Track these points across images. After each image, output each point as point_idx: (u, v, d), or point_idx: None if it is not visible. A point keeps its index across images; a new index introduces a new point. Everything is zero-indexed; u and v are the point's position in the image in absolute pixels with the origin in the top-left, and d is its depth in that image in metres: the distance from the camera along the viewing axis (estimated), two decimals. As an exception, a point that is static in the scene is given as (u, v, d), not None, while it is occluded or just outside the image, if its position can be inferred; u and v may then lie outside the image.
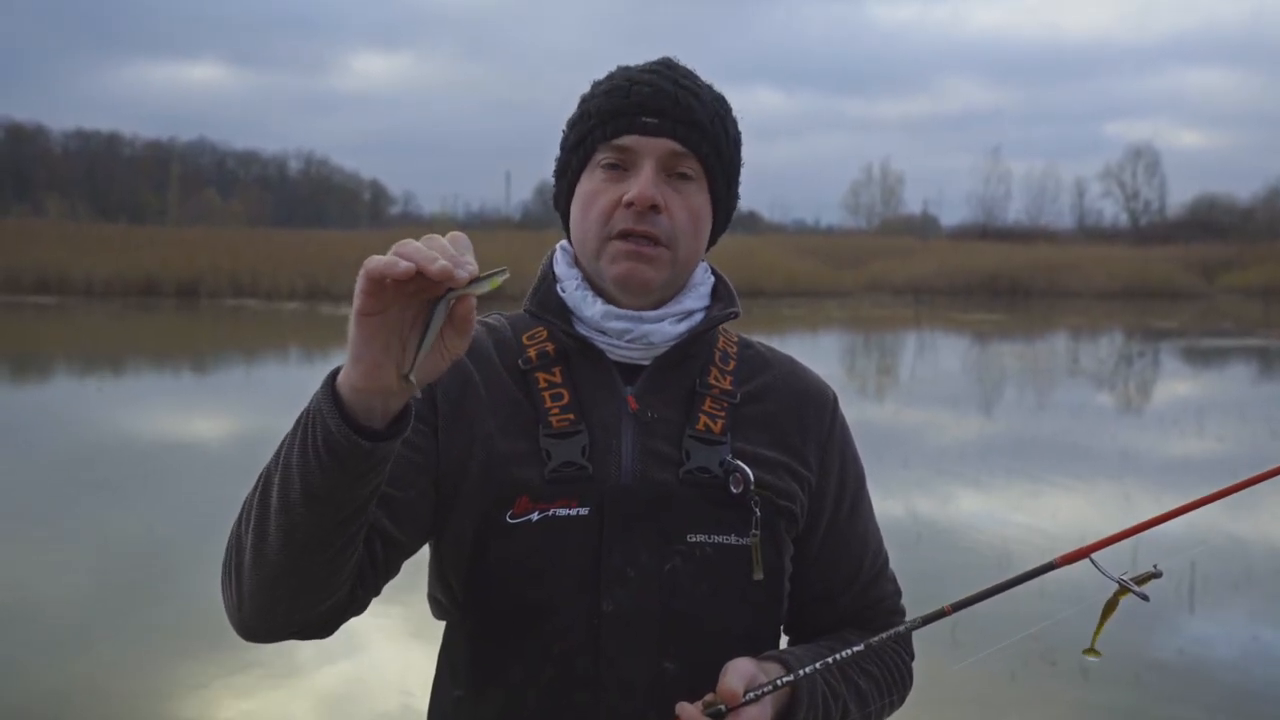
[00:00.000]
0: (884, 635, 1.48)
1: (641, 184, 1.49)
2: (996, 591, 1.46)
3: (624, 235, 1.50)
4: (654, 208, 1.49)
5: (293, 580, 1.32)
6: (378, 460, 1.25)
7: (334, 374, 1.26)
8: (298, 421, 1.27)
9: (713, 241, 1.63)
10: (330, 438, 1.22)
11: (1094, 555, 1.43)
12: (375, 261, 1.16)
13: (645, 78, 1.53)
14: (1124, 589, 1.42)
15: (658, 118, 1.50)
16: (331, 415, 1.22)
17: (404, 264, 1.15)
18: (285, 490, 1.27)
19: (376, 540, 1.44)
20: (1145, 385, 18.52)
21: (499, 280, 1.21)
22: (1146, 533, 1.49)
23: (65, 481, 9.34)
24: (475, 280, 1.19)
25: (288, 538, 1.28)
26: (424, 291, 1.20)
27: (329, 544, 1.30)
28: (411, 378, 1.21)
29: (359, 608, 1.46)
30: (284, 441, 1.30)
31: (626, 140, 1.51)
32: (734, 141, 1.59)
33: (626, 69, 1.58)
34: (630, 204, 1.49)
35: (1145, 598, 1.41)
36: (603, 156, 1.53)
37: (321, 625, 1.42)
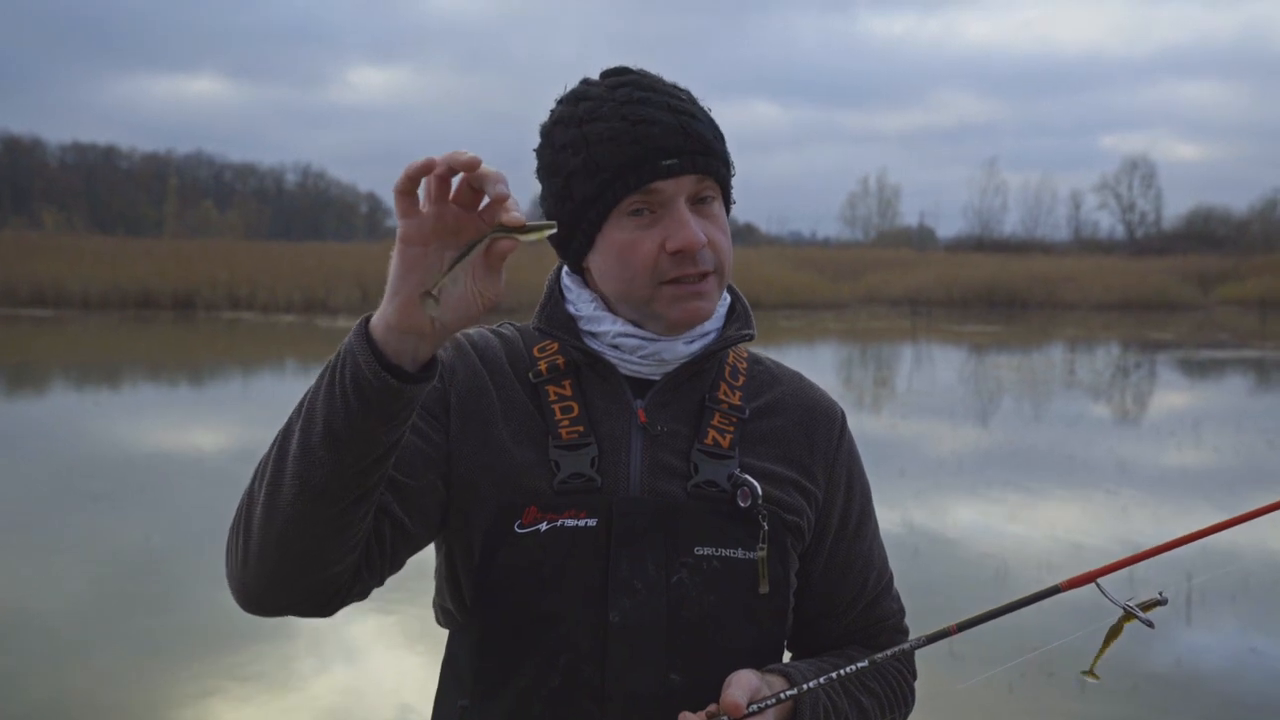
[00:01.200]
0: (889, 652, 1.48)
1: (687, 231, 1.46)
2: (1002, 613, 1.46)
3: (674, 280, 1.49)
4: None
5: (302, 534, 1.31)
6: (404, 403, 1.26)
7: (366, 318, 1.28)
8: (325, 367, 1.29)
9: None
10: (360, 375, 1.24)
11: (1100, 580, 1.43)
12: (398, 175, 1.18)
13: (643, 113, 1.47)
14: (1129, 615, 1.42)
15: (677, 156, 1.46)
16: (363, 352, 1.24)
17: (422, 159, 1.17)
18: (306, 435, 1.28)
19: (385, 522, 1.44)
20: (1142, 397, 18.52)
21: (546, 233, 1.20)
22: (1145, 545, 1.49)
23: (62, 493, 9.34)
24: (524, 227, 1.18)
25: (303, 484, 1.28)
26: (465, 230, 1.22)
27: (342, 495, 1.29)
28: (434, 293, 1.20)
29: (361, 590, 1.45)
30: (307, 393, 1.31)
31: (652, 186, 1.47)
32: (724, 139, 1.57)
33: (604, 99, 1.50)
34: (678, 251, 1.47)
35: (1150, 624, 1.41)
36: (627, 204, 1.48)
37: (323, 601, 1.40)
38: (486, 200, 1.20)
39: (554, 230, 1.20)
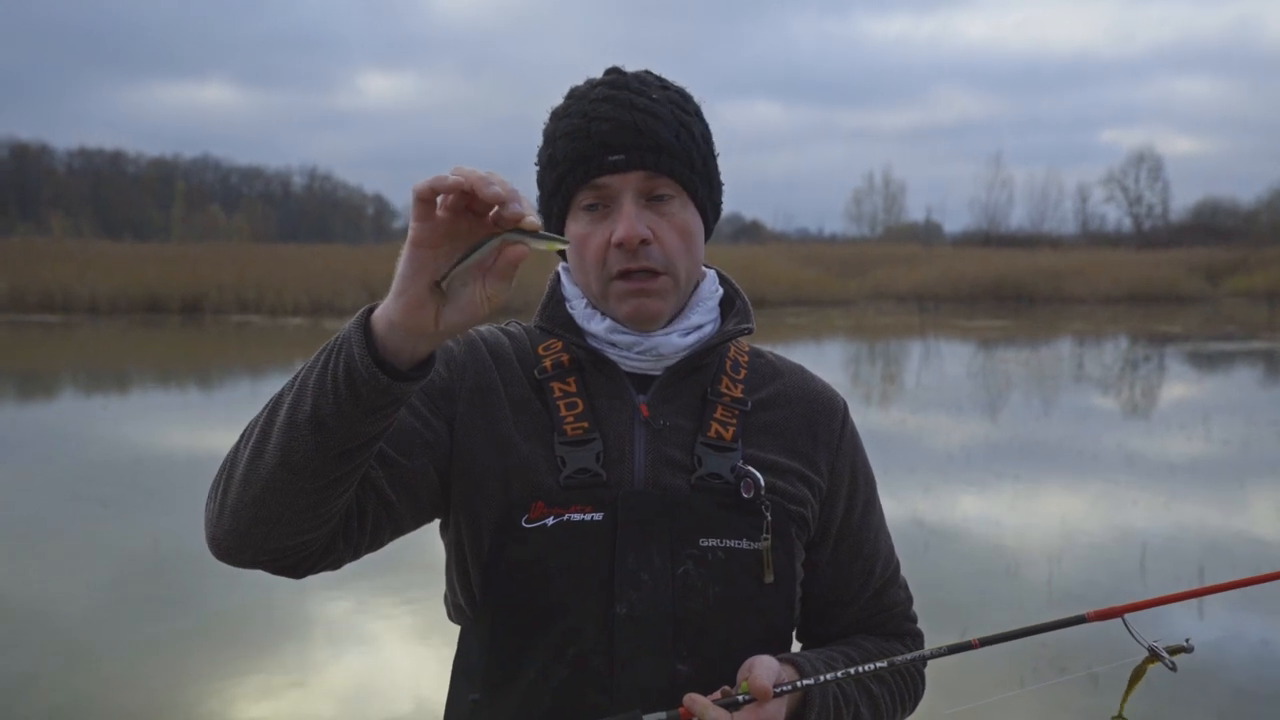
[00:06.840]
0: (907, 657, 1.51)
1: (625, 224, 1.49)
2: (1025, 634, 1.49)
3: (623, 275, 1.52)
4: (643, 242, 1.50)
5: (277, 502, 1.32)
6: (391, 399, 1.27)
7: (370, 308, 1.28)
8: (323, 348, 1.30)
9: (708, 235, 1.63)
10: (352, 365, 1.24)
11: (1127, 616, 1.45)
12: (422, 180, 1.18)
13: (602, 110, 1.50)
14: (1154, 656, 1.42)
15: (623, 153, 1.49)
16: (359, 344, 1.25)
17: (453, 179, 1.17)
18: (294, 410, 1.29)
19: (371, 499, 1.45)
20: (1150, 390, 18.48)
21: (558, 245, 1.22)
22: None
23: (73, 497, 9.36)
24: (537, 233, 1.19)
25: (284, 456, 1.29)
26: (477, 238, 1.22)
27: (321, 474, 1.30)
28: (443, 285, 1.22)
29: (334, 560, 1.46)
30: (304, 367, 1.32)
31: (599, 181, 1.51)
32: (702, 139, 1.58)
33: (582, 96, 1.55)
34: (620, 244, 1.50)
35: (1173, 668, 1.41)
36: (581, 198, 1.53)
37: (293, 563, 1.42)
38: (496, 210, 1.20)
39: (566, 245, 1.24)
